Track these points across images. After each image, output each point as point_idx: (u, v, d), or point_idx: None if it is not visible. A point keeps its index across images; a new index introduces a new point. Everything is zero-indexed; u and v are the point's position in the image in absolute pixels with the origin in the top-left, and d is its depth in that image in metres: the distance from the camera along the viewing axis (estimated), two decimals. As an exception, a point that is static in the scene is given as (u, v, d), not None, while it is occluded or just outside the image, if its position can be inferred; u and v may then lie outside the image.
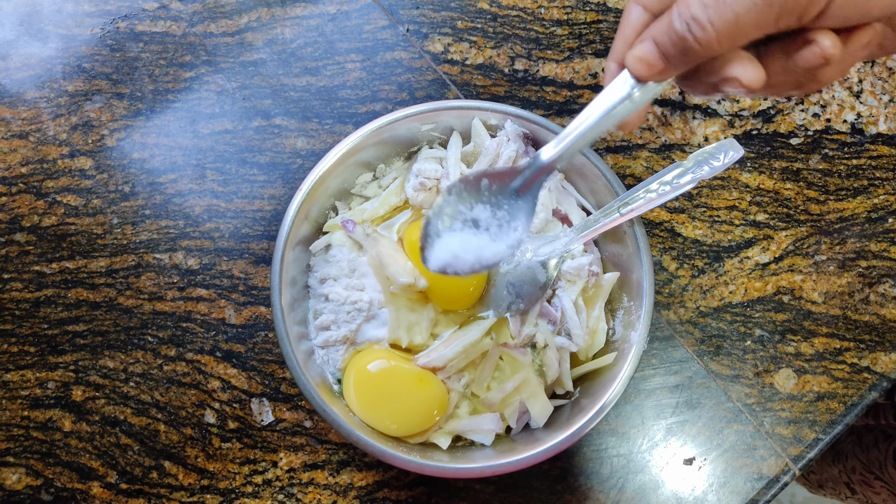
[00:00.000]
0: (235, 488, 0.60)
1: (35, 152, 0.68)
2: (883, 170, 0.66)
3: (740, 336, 0.63)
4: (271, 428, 0.61)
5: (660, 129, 0.67)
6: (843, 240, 0.64)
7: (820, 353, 0.62)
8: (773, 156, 0.66)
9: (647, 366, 0.62)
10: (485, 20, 0.70)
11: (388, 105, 0.68)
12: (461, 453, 0.54)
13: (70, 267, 0.65)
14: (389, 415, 0.53)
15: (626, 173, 0.66)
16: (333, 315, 0.56)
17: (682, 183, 0.52)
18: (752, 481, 0.60)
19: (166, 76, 0.70)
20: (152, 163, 0.67)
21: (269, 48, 0.70)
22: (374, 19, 0.71)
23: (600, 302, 0.57)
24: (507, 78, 0.69)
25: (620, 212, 0.53)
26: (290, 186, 0.67)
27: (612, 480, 0.60)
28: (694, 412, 0.61)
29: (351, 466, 0.60)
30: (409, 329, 0.55)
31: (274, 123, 0.68)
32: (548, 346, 0.55)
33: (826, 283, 0.64)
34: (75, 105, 0.69)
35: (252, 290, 0.64)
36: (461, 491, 0.59)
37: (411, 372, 0.54)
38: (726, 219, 0.65)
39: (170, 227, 0.66)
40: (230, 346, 0.63)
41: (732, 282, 0.64)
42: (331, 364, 0.56)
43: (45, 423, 0.62)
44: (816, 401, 0.61)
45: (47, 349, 0.63)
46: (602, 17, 0.70)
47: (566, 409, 0.55)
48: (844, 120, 0.67)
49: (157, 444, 0.61)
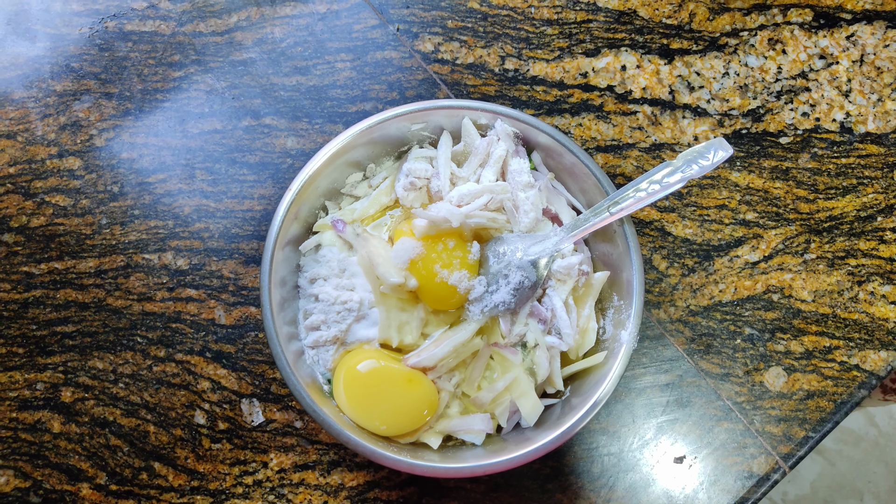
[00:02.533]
0: (226, 489, 0.60)
1: (23, 152, 0.67)
2: (872, 168, 0.66)
3: (730, 335, 0.63)
4: (261, 428, 0.61)
5: (650, 128, 0.67)
6: (832, 238, 0.65)
7: (809, 352, 0.62)
8: (763, 155, 0.67)
9: (638, 364, 0.62)
10: (475, 20, 0.70)
11: (378, 104, 0.68)
12: (452, 453, 0.54)
13: (59, 267, 0.65)
14: (379, 415, 0.53)
15: (617, 173, 0.66)
16: (323, 315, 0.55)
17: (672, 182, 0.52)
18: (742, 479, 0.60)
19: (155, 76, 0.69)
20: (141, 163, 0.67)
21: (259, 48, 0.70)
22: (364, 18, 0.70)
23: (590, 301, 0.57)
24: (497, 77, 0.69)
25: (610, 211, 0.53)
26: (280, 186, 0.66)
27: (602, 479, 0.60)
28: (684, 411, 0.61)
29: (342, 467, 0.60)
30: (400, 329, 0.55)
31: (264, 123, 0.68)
32: (538, 345, 0.55)
33: (815, 282, 0.64)
34: (64, 105, 0.69)
35: (242, 290, 0.64)
36: (452, 491, 0.59)
37: (401, 372, 0.54)
38: (716, 218, 0.65)
39: (159, 228, 0.65)
40: (220, 346, 0.63)
41: (722, 280, 0.64)
42: (321, 364, 0.56)
43: (34, 424, 0.61)
44: (806, 399, 0.61)
45: (36, 350, 0.63)
46: (592, 16, 0.70)
47: (557, 409, 0.55)
48: (833, 119, 0.67)
49: (146, 445, 0.61)
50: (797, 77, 0.68)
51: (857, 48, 0.69)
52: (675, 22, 0.70)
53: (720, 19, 0.70)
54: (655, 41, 0.69)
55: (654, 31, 0.69)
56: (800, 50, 0.69)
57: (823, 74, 0.68)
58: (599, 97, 0.68)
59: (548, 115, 0.68)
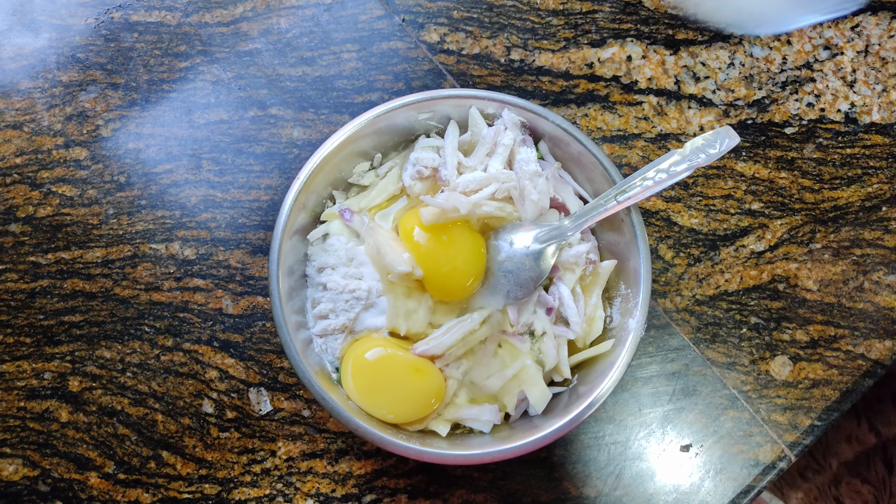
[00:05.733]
0: (234, 478, 0.60)
1: (29, 143, 0.67)
2: (876, 159, 0.66)
3: (736, 324, 0.63)
4: (269, 417, 0.61)
5: (656, 118, 0.67)
6: (837, 228, 0.65)
7: (815, 341, 0.63)
8: (768, 145, 0.67)
9: (644, 354, 0.62)
10: (481, 10, 0.70)
11: (384, 95, 0.68)
12: (460, 440, 0.54)
13: (66, 257, 0.65)
14: (387, 403, 0.53)
15: (623, 163, 0.67)
16: (331, 304, 0.56)
17: (679, 171, 0.52)
18: (748, 468, 0.60)
19: (161, 66, 0.69)
20: (147, 153, 0.67)
21: (265, 38, 0.70)
22: (370, 9, 0.70)
23: (598, 289, 0.57)
24: (503, 68, 0.69)
25: (617, 199, 0.53)
26: (287, 176, 0.66)
27: (609, 467, 0.60)
28: (690, 399, 0.61)
29: (349, 455, 0.60)
30: (408, 317, 0.55)
31: (270, 113, 0.68)
32: (546, 333, 0.55)
33: (821, 271, 0.64)
34: (70, 95, 0.69)
35: (249, 279, 0.64)
36: (459, 479, 0.60)
37: (409, 360, 0.54)
38: (722, 208, 0.65)
39: (166, 218, 0.66)
40: (228, 335, 0.63)
41: (728, 270, 0.64)
42: (329, 353, 0.56)
43: (42, 413, 0.62)
44: (812, 388, 0.62)
45: (43, 340, 0.63)
46: (598, 6, 0.70)
47: (564, 397, 0.56)
48: (838, 109, 0.68)
49: (154, 434, 0.61)
50: (802, 68, 0.69)
51: (861, 39, 0.69)
52: (680, 12, 0.70)
53: (725, 10, 0.70)
54: (661, 31, 0.69)
55: (659, 21, 0.70)
56: (805, 41, 0.69)
57: (828, 65, 0.69)
58: (605, 87, 0.68)
59: (554, 106, 0.68)
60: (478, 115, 0.58)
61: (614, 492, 0.60)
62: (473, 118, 0.58)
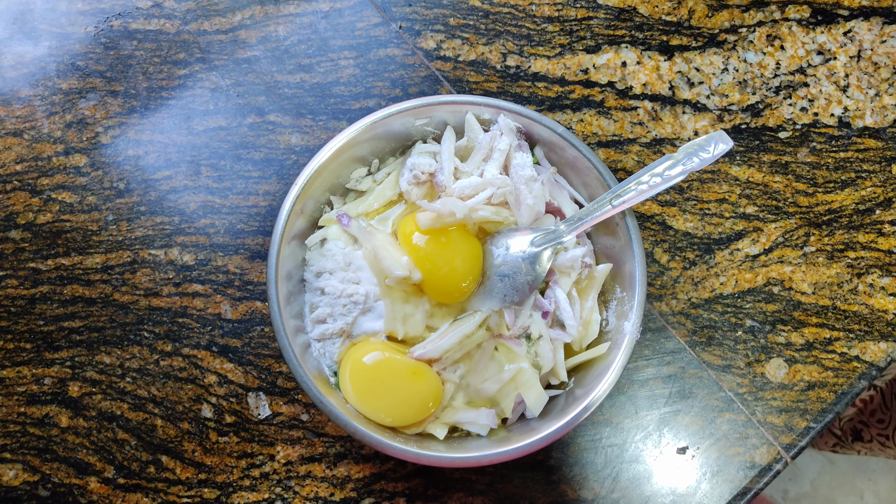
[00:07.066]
0: (233, 482, 0.60)
1: (29, 150, 0.68)
2: (870, 162, 0.67)
3: (731, 327, 0.63)
4: (268, 422, 0.61)
5: (650, 123, 0.68)
6: (831, 231, 0.65)
7: (810, 343, 0.63)
8: (762, 149, 0.67)
9: (640, 357, 0.63)
10: (477, 17, 0.71)
11: (381, 101, 0.69)
12: (457, 443, 0.54)
13: (65, 263, 0.65)
14: (385, 406, 0.54)
15: (618, 167, 0.67)
16: (330, 308, 0.56)
17: (674, 174, 0.53)
18: (744, 469, 0.60)
19: (160, 74, 0.70)
20: (147, 160, 0.68)
21: (263, 45, 0.71)
22: (367, 16, 0.71)
23: (593, 293, 0.58)
24: (499, 74, 0.70)
25: (612, 204, 0.54)
26: (285, 182, 0.67)
27: (606, 470, 0.61)
28: (687, 402, 0.62)
29: (348, 459, 0.61)
30: (405, 321, 0.56)
31: (268, 120, 0.69)
32: (542, 337, 0.55)
33: (815, 274, 0.65)
34: (69, 103, 0.69)
35: (248, 285, 0.65)
36: (457, 482, 0.60)
37: (406, 364, 0.54)
38: (716, 211, 0.66)
39: (165, 224, 0.66)
40: (226, 340, 0.63)
41: (723, 273, 0.65)
42: (327, 357, 0.56)
43: (42, 419, 0.62)
44: (807, 390, 0.62)
45: (43, 345, 0.63)
46: (592, 13, 0.71)
47: (561, 400, 0.56)
48: (832, 114, 0.68)
49: (154, 438, 0.61)
50: (795, 72, 0.69)
51: (854, 44, 0.70)
52: (674, 19, 0.71)
53: (719, 16, 0.71)
54: (655, 38, 0.70)
55: (653, 27, 0.70)
56: (798, 46, 0.70)
57: (821, 70, 0.69)
58: (600, 93, 0.69)
59: (549, 112, 0.69)
60: (474, 121, 0.59)
61: (611, 494, 0.60)
62: (470, 124, 0.59)
